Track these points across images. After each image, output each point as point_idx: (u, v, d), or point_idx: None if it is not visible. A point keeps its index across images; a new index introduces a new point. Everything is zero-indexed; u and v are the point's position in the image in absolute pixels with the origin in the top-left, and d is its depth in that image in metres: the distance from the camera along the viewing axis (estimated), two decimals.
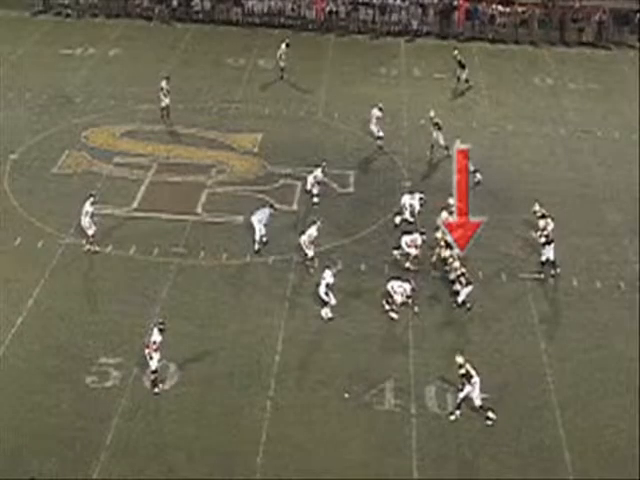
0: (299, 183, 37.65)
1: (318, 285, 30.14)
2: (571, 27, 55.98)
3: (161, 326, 26.61)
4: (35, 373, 27.28)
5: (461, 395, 26.02)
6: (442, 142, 39.54)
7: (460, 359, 26.00)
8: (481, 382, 26.26)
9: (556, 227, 32.79)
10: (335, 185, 37.83)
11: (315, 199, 36.36)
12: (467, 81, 48.08)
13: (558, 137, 43.38)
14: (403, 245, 32.44)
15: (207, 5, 56.58)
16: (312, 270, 31.78)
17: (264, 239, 33.03)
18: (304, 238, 31.86)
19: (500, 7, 56.22)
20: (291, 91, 45.11)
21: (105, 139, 40.80)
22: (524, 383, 27.74)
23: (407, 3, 56.28)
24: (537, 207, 33.67)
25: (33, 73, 47.51)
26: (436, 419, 26.19)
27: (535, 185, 37.73)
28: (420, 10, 56.15)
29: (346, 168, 39.21)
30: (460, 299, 30.68)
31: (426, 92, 47.63)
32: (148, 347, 26.49)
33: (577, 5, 57.07)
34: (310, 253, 31.91)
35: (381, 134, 40.89)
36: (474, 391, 25.90)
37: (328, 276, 29.74)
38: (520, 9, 56.13)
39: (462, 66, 48.09)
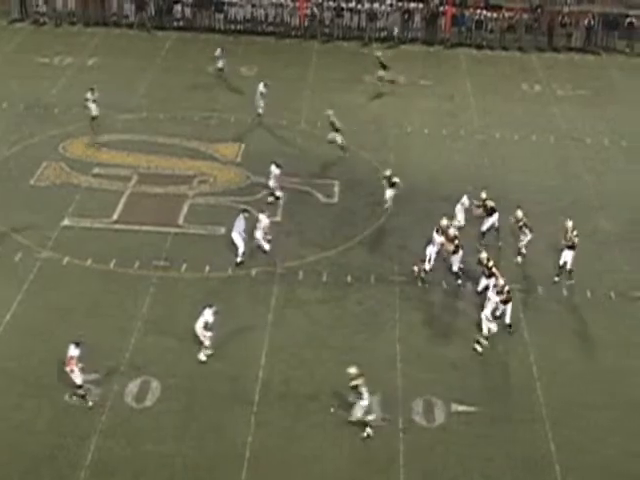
0: (283, 193, 37.07)
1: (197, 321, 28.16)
2: (559, 32, 55.63)
3: (79, 340, 26.15)
4: (12, 390, 26.72)
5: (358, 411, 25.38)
6: (340, 141, 39.49)
7: (353, 370, 25.29)
8: (470, 395, 25.81)
9: (545, 236, 32.44)
10: (319, 195, 37.37)
11: (273, 197, 36.34)
12: (392, 82, 47.66)
13: (547, 144, 42.98)
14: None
15: (188, 12, 56.02)
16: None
17: (242, 251, 32.44)
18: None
19: (487, 13, 55.80)
20: (274, 99, 44.58)
21: (84, 150, 40.16)
22: (514, 396, 27.34)
23: (394, 9, 55.83)
24: (520, 214, 33.09)
25: (10, 82, 46.77)
26: (424, 433, 25.73)
27: (524, 194, 37.17)
28: (401, 16, 55.55)
29: (330, 178, 38.73)
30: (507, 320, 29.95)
31: (412, 99, 47.18)
32: (68, 364, 25.97)
33: (565, 10, 56.74)
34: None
35: (261, 111, 42.21)
36: (361, 408, 25.20)
37: (208, 314, 27.74)
38: (507, 14, 55.70)
39: (384, 67, 47.63)
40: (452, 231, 31.77)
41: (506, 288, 29.29)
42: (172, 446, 24.94)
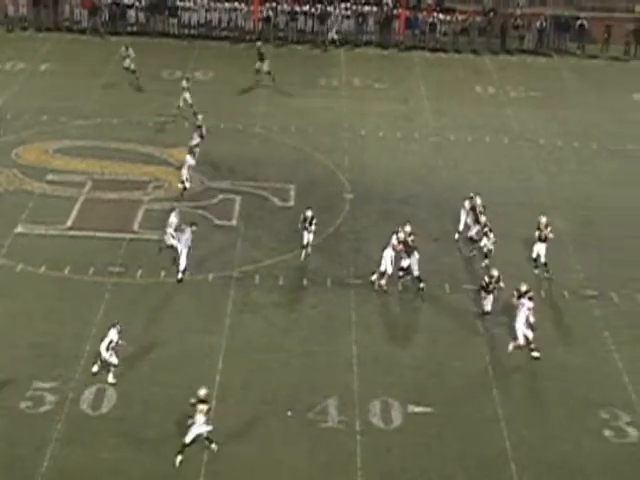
0: (238, 198, 37.09)
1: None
2: (512, 35, 55.98)
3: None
4: None
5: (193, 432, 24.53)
6: (194, 142, 39.50)
7: (202, 392, 24.45)
8: (427, 395, 26.05)
9: (500, 236, 32.57)
10: (275, 199, 37.37)
11: (187, 185, 36.69)
12: (269, 73, 47.92)
13: (500, 146, 43.26)
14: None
15: (142, 17, 55.79)
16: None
17: (184, 267, 31.99)
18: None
19: (440, 15, 56.06)
20: (228, 103, 44.59)
21: (37, 156, 39.87)
22: (470, 396, 27.38)
23: (347, 12, 55.93)
24: (483, 218, 33.33)
25: None
26: (381, 435, 25.71)
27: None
28: (355, 19, 55.72)
29: (286, 181, 38.70)
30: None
31: (367, 102, 47.28)
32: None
33: (518, 13, 57.14)
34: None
35: (181, 104, 43.21)
36: (199, 428, 24.57)
37: (113, 334, 26.82)
38: (461, 17, 55.98)
39: (262, 59, 48.12)
40: (402, 235, 31.73)
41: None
42: (129, 453, 24.71)
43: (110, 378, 26.97)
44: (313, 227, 32.87)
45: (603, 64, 54.73)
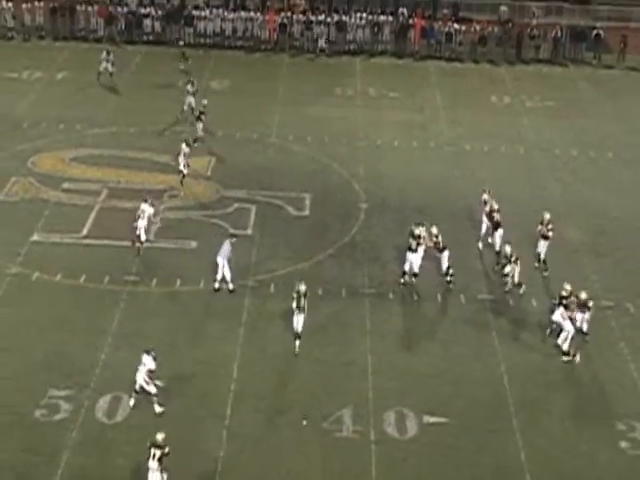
0: (254, 207, 37.13)
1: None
2: (528, 45, 55.88)
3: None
4: None
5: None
6: (200, 133, 41.21)
7: (160, 436, 23.34)
8: (442, 406, 26.14)
9: (515, 246, 32.50)
10: (290, 208, 37.36)
11: (185, 171, 37.63)
12: (186, 72, 48.46)
13: (516, 155, 43.18)
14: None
15: (158, 26, 55.93)
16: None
17: (230, 277, 31.92)
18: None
19: (456, 25, 56.01)
20: (244, 113, 44.62)
21: (53, 164, 39.98)
22: (485, 406, 27.31)
23: (363, 22, 55.96)
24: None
25: None
26: (396, 445, 25.65)
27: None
28: (371, 29, 55.74)
29: (301, 191, 38.69)
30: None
31: (382, 112, 47.28)
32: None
33: (534, 22, 57.09)
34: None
35: (186, 108, 43.84)
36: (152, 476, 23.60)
37: (148, 362, 26.33)
38: (477, 27, 55.91)
39: (185, 59, 49.50)
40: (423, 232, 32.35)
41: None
42: (144, 461, 24.60)
43: (156, 408, 26.34)
44: (306, 305, 29.08)
45: (619, 74, 54.58)
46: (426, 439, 25.87)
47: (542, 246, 33.37)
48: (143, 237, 33.71)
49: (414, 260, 32.34)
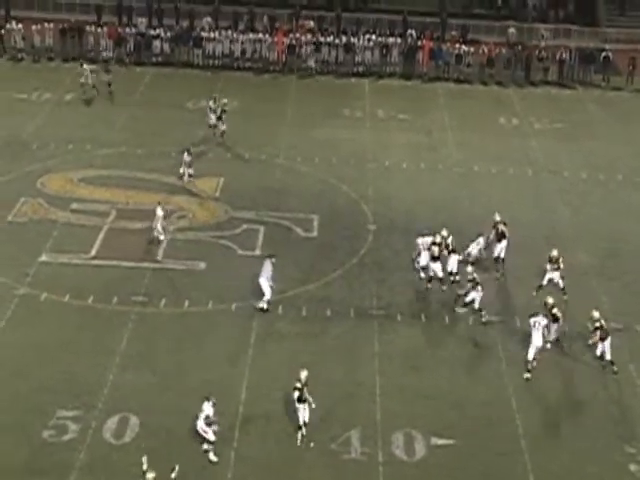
0: (262, 228, 37.15)
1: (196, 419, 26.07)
2: (536, 66, 55.92)
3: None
4: None
5: None
6: (223, 128, 43.79)
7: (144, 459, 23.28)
8: (450, 427, 25.99)
9: (523, 268, 32.47)
10: (299, 229, 37.37)
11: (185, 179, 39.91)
12: (109, 85, 49.44)
13: (524, 177, 43.16)
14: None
15: (167, 48, 56.09)
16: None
17: (268, 298, 31.95)
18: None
19: (465, 47, 56.11)
20: (252, 134, 44.67)
21: (62, 185, 40.05)
22: (493, 428, 27.23)
23: (371, 44, 56.08)
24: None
25: None
26: (404, 467, 25.59)
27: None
28: (380, 51, 55.84)
29: (309, 212, 38.72)
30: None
31: (390, 133, 47.33)
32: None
33: (542, 45, 57.18)
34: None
35: (212, 122, 44.54)
36: None
37: (208, 408, 25.72)
38: (485, 49, 56.01)
39: (107, 71, 50.19)
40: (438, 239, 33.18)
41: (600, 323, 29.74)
42: None
43: (211, 457, 25.68)
44: (310, 399, 26.58)
45: (628, 96, 54.58)
46: (434, 461, 25.80)
47: (557, 277, 33.02)
48: (162, 237, 35.60)
49: (437, 267, 32.93)
